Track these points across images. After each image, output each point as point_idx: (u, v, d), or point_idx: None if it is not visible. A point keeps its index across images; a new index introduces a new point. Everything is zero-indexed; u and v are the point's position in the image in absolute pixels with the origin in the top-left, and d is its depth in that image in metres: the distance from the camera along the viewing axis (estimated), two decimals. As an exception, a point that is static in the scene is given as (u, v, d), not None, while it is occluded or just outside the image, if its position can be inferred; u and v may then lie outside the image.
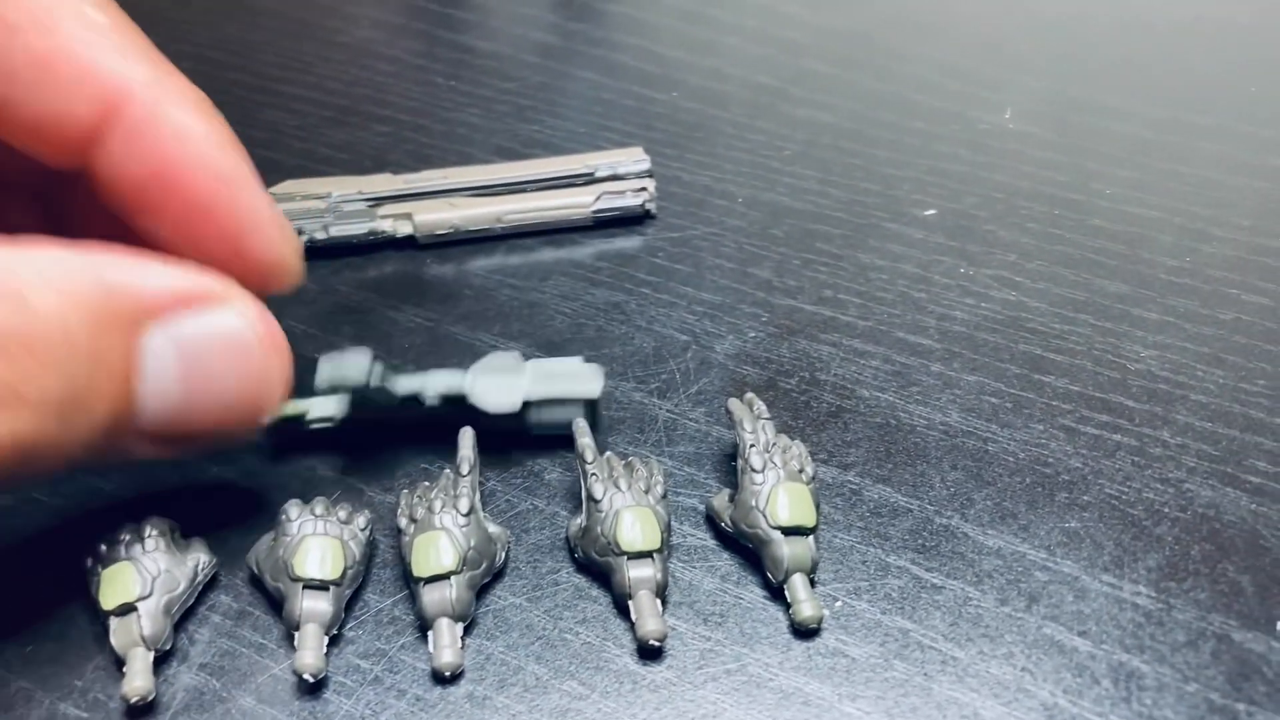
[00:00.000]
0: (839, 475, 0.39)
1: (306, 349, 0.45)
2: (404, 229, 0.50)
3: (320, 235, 0.49)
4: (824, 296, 0.47)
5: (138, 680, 0.32)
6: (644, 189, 0.51)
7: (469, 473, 0.36)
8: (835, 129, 0.58)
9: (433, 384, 0.39)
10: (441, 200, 0.50)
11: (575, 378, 0.39)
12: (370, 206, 0.49)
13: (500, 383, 0.39)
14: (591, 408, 0.40)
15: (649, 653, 0.34)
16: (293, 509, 0.35)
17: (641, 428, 0.41)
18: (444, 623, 0.33)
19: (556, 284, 0.48)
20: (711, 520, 0.38)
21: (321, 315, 0.47)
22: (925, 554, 0.37)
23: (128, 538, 0.35)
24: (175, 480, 0.40)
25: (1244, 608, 0.35)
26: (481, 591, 0.36)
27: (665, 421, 0.42)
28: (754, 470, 0.36)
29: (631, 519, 0.35)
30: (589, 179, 0.52)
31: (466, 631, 0.34)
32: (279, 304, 0.47)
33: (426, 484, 0.37)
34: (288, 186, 0.49)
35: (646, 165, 0.52)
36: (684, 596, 0.36)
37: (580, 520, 0.36)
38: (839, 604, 0.35)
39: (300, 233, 0.47)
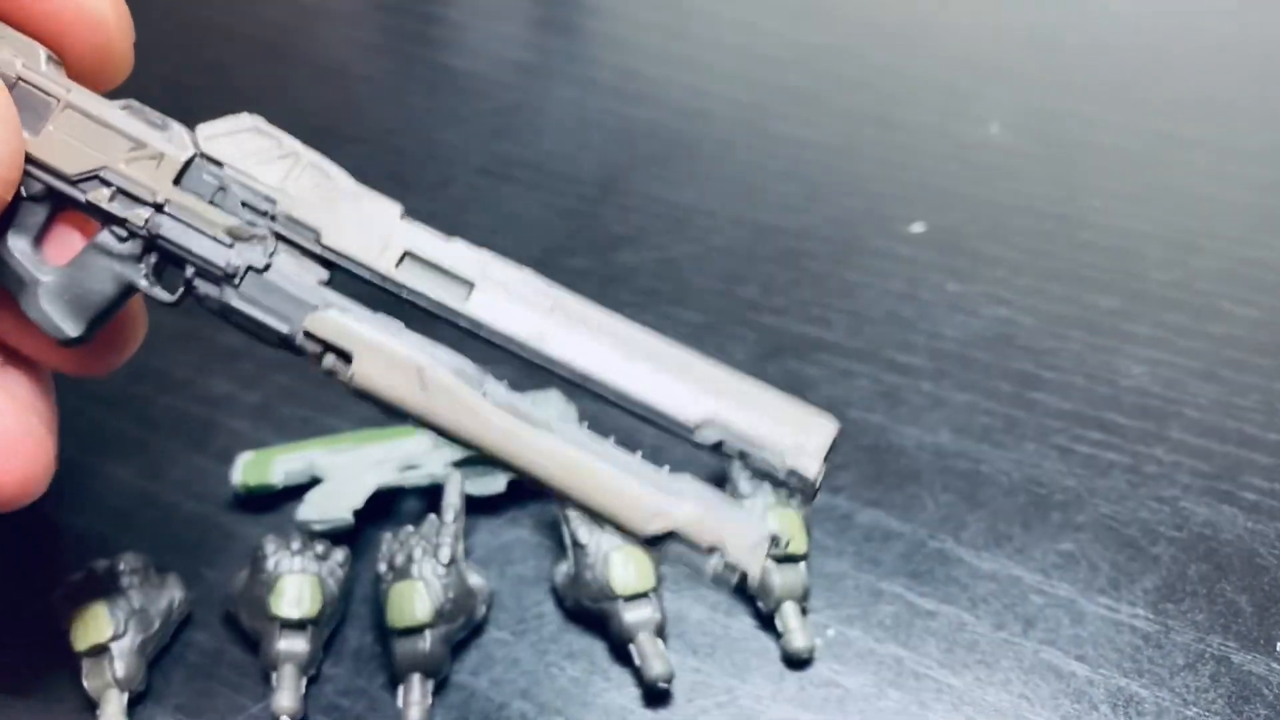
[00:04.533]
0: (829, 499, 0.39)
1: (281, 377, 0.44)
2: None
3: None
4: (811, 315, 0.46)
5: (110, 724, 0.32)
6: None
7: (453, 521, 0.35)
8: (820, 145, 0.57)
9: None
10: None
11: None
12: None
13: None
14: None
15: (656, 695, 0.33)
16: (269, 545, 0.34)
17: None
18: (415, 679, 0.33)
19: (539, 306, 0.47)
20: (700, 548, 0.37)
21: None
22: (918, 579, 0.36)
23: (100, 575, 0.34)
24: (150, 514, 0.39)
25: (1242, 628, 0.34)
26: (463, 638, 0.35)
27: (652, 446, 0.41)
28: (743, 496, 0.35)
29: (622, 559, 0.34)
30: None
31: (440, 687, 0.33)
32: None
33: (410, 529, 0.36)
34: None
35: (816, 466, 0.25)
36: (674, 627, 0.35)
37: (566, 567, 0.35)
38: (831, 632, 0.35)
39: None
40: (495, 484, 0.38)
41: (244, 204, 0.27)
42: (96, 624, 0.33)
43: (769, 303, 0.47)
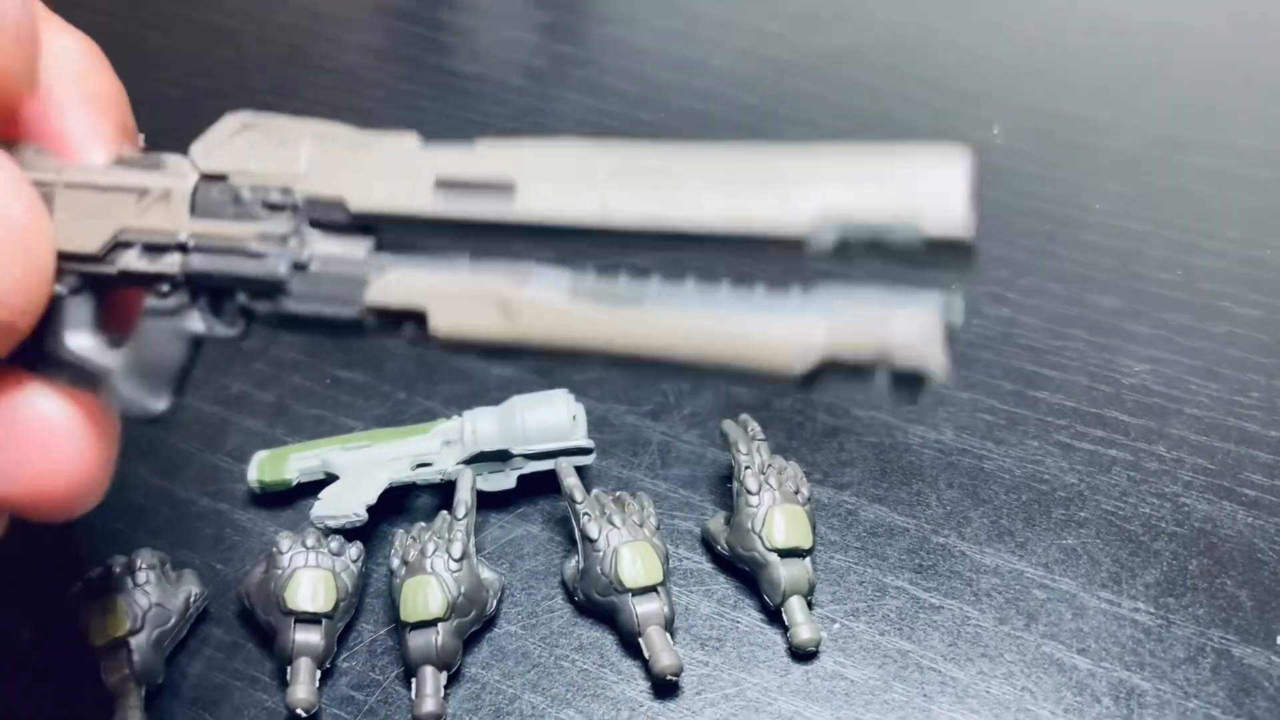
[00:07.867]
0: (835, 495, 0.39)
1: (295, 377, 0.44)
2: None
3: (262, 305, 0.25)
4: (816, 315, 0.47)
5: (131, 717, 0.32)
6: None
7: (465, 516, 0.36)
8: (824, 147, 0.58)
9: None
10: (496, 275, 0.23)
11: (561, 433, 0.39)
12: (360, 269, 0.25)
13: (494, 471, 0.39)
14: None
15: (665, 688, 0.34)
16: (284, 540, 0.35)
17: (635, 451, 0.41)
18: (428, 671, 0.33)
19: (547, 307, 0.48)
20: (707, 544, 0.37)
21: (311, 341, 0.46)
22: (923, 573, 0.37)
23: (118, 571, 0.34)
24: (167, 511, 0.39)
25: (1243, 622, 0.35)
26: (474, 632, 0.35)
27: (659, 444, 0.41)
28: (749, 492, 0.36)
29: (631, 555, 0.34)
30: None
31: (452, 679, 0.34)
32: (267, 335, 0.47)
33: (422, 525, 0.36)
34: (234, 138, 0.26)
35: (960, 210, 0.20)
36: (681, 621, 0.35)
37: (576, 562, 0.36)
38: (837, 626, 0.35)
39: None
40: (506, 480, 0.39)
41: (264, 204, 0.25)
42: (115, 619, 0.33)
43: (775, 303, 0.48)
